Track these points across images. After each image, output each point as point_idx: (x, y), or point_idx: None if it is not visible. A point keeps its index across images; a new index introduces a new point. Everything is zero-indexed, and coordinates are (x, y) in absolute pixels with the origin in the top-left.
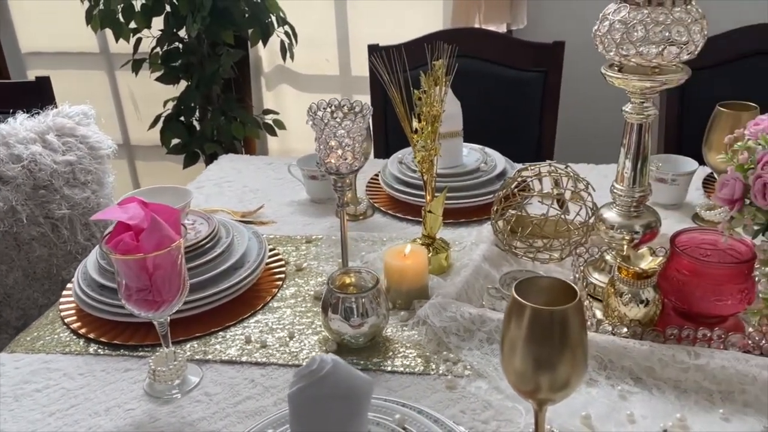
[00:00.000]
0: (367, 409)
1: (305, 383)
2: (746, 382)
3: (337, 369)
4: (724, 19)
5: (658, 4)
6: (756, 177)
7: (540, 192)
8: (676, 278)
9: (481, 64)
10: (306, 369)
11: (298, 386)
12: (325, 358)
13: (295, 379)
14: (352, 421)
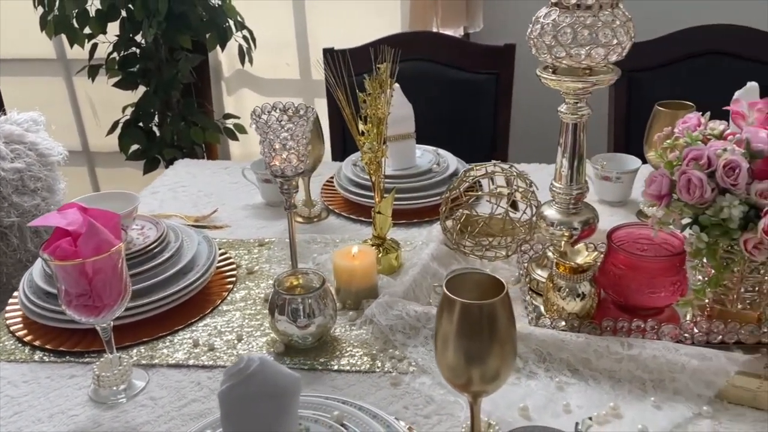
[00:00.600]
0: (296, 407)
1: (233, 382)
2: (676, 371)
3: (265, 367)
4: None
5: (586, 7)
6: (681, 173)
7: (485, 191)
8: (613, 272)
9: (435, 66)
10: (234, 368)
11: (227, 385)
12: (253, 357)
13: (224, 378)
14: (281, 418)
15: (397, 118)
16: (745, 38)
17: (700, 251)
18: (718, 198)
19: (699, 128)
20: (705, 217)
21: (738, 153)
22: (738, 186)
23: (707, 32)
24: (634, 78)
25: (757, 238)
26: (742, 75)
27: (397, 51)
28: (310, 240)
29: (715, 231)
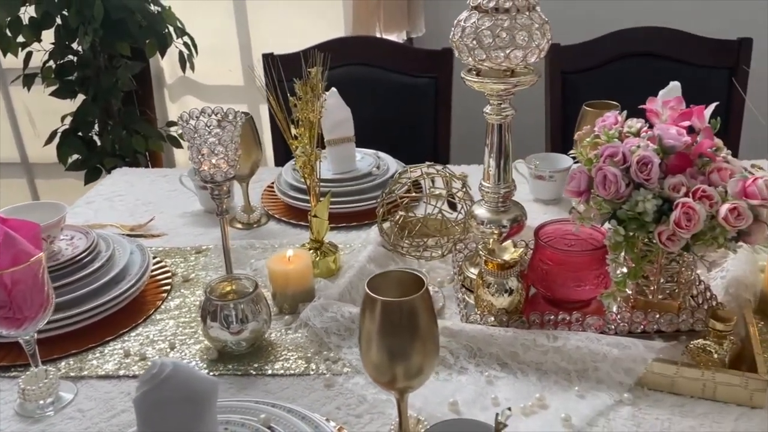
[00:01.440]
0: (213, 410)
1: (147, 388)
2: (598, 360)
3: (178, 371)
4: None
5: (504, 11)
6: (597, 169)
7: (423, 193)
8: (540, 268)
9: (375, 71)
10: (147, 374)
11: (141, 391)
12: (166, 362)
13: (139, 385)
14: (198, 422)
15: (335, 122)
16: (672, 40)
17: (619, 244)
18: (634, 193)
19: (615, 126)
20: (622, 211)
21: (651, 149)
22: (651, 181)
23: (638, 34)
24: (568, 79)
25: (669, 230)
26: (670, 75)
27: (328, 56)
28: (248, 246)
29: (632, 225)
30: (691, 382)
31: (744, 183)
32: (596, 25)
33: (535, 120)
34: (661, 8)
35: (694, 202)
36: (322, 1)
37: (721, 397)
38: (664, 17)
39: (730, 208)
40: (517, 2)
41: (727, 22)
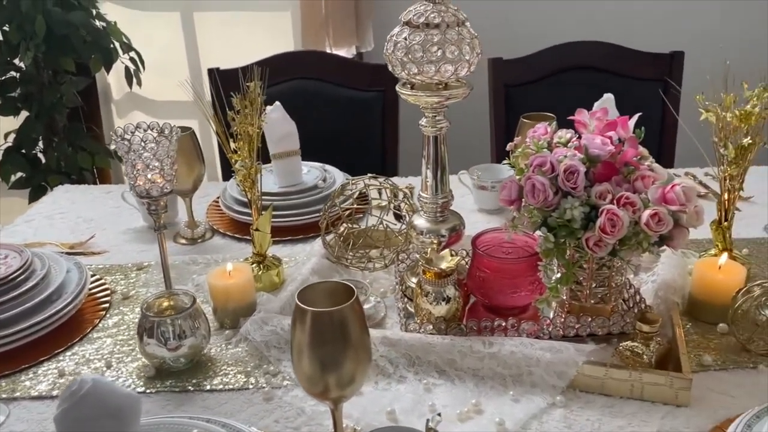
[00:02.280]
0: (136, 426)
1: (67, 405)
2: (532, 364)
3: (98, 388)
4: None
5: (434, 26)
6: (527, 178)
7: (365, 205)
8: (478, 276)
9: (323, 85)
10: (67, 391)
11: (62, 408)
12: (85, 378)
13: (59, 402)
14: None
15: (280, 135)
16: (610, 54)
17: (550, 251)
18: (562, 201)
19: (545, 137)
20: (552, 219)
21: (577, 158)
22: (578, 189)
23: (577, 49)
24: (511, 92)
25: (596, 236)
26: (608, 87)
27: (266, 70)
28: (190, 261)
29: (562, 231)
30: (620, 383)
31: (663, 190)
32: (538, 40)
33: (481, 132)
34: (600, 23)
35: (618, 209)
36: (272, 16)
37: (649, 396)
38: (602, 32)
39: (651, 214)
40: (447, 18)
41: (660, 36)
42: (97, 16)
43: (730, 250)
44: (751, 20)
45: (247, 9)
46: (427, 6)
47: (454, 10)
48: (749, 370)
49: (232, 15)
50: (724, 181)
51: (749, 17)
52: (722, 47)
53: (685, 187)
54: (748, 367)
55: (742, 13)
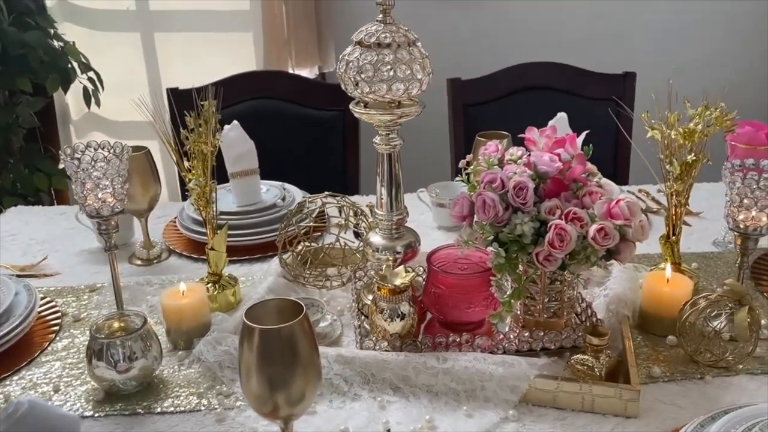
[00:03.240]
0: None
1: (3, 428)
2: (485, 379)
3: (35, 410)
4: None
5: (385, 46)
6: (477, 195)
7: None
8: (433, 292)
9: (284, 104)
10: (3, 413)
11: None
12: (21, 401)
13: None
14: None
15: (238, 154)
16: (566, 74)
17: (502, 266)
18: (513, 216)
19: (495, 154)
20: (503, 234)
21: (526, 175)
22: (527, 205)
23: (534, 69)
24: (469, 112)
25: (545, 251)
26: (564, 107)
27: (221, 89)
28: (144, 282)
29: (513, 247)
30: (571, 396)
31: (609, 205)
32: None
33: (441, 150)
34: (555, 44)
35: (566, 224)
36: (234, 36)
37: (599, 408)
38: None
39: (598, 229)
40: (397, 38)
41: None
42: (55, 36)
43: (678, 264)
44: (703, 41)
45: (209, 30)
46: (378, 26)
47: (405, 31)
48: (696, 381)
49: (194, 36)
50: (670, 197)
51: (701, 38)
52: (674, 68)
53: (629, 202)
54: (696, 378)
55: (693, 35)
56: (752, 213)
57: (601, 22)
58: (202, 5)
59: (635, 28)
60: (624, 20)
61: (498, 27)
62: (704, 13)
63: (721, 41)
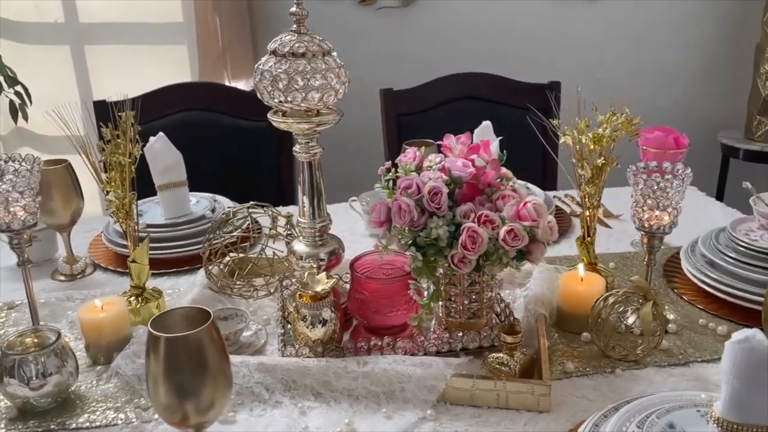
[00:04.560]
0: None
1: None
2: (404, 381)
3: None
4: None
5: (300, 55)
6: (394, 200)
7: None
8: (357, 298)
9: (215, 116)
10: None
11: None
12: None
13: None
14: None
15: (165, 166)
16: (494, 84)
17: (420, 269)
18: (429, 221)
19: (412, 161)
20: (420, 238)
21: (441, 180)
22: (441, 209)
23: (464, 79)
24: (403, 121)
25: (459, 253)
26: (493, 116)
27: (139, 101)
28: (65, 297)
29: (431, 250)
30: (487, 393)
31: (517, 207)
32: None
33: (376, 160)
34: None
35: (478, 227)
36: (169, 49)
37: (513, 404)
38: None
39: (508, 230)
40: (311, 48)
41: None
42: None
43: (594, 264)
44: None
45: (143, 42)
46: (292, 36)
47: (320, 41)
48: (607, 375)
49: (127, 48)
50: (583, 200)
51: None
52: (598, 77)
53: (536, 204)
54: (606, 372)
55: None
56: (655, 212)
57: (531, 34)
58: (134, 17)
59: (565, 40)
60: (554, 32)
61: (432, 38)
62: (632, 23)
63: (649, 51)
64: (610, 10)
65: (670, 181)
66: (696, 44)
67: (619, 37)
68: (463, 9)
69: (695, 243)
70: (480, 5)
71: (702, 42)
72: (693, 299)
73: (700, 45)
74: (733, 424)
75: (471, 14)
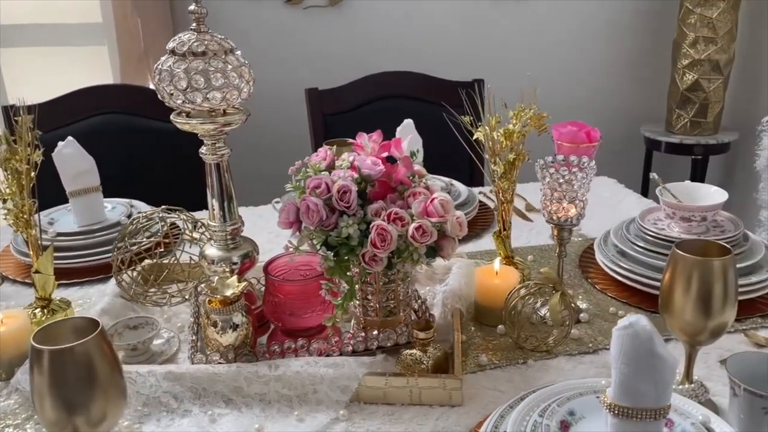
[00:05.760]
0: None
1: None
2: (316, 382)
3: None
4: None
5: (200, 54)
6: (302, 200)
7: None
8: (272, 301)
9: (133, 118)
10: None
11: None
12: None
13: None
14: None
15: (77, 172)
16: (419, 82)
17: (333, 269)
18: (339, 220)
19: (322, 160)
20: (332, 238)
21: (350, 179)
22: (351, 207)
23: (389, 78)
24: (329, 121)
25: (370, 252)
26: (417, 114)
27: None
28: None
29: (344, 250)
30: (400, 390)
31: (425, 204)
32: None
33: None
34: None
35: (387, 224)
36: (88, 50)
37: (427, 400)
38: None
39: (416, 227)
40: (211, 46)
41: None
42: None
43: (511, 258)
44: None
45: (62, 44)
46: (191, 35)
47: (220, 39)
48: (520, 366)
49: (45, 50)
50: (498, 194)
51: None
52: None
53: (443, 200)
54: (519, 363)
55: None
56: (563, 205)
57: (458, 33)
58: (52, 18)
59: (493, 38)
60: (481, 31)
61: (360, 37)
62: (557, 22)
63: (574, 49)
64: (536, 9)
65: (575, 173)
66: (619, 42)
67: (546, 35)
68: (390, 8)
69: (608, 234)
70: (408, 5)
71: (624, 39)
72: (605, 288)
73: (622, 42)
74: (623, 408)
75: (399, 13)
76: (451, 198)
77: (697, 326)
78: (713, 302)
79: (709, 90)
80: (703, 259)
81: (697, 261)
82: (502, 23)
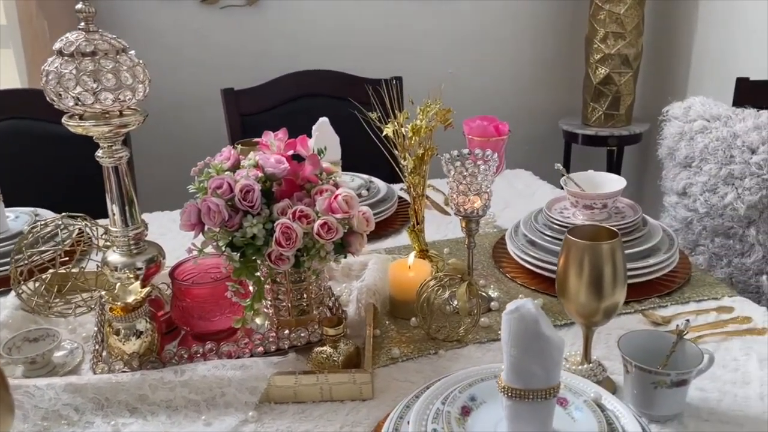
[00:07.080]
0: None
1: None
2: (224, 385)
3: None
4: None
5: (89, 54)
6: (203, 201)
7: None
8: (180, 306)
9: (37, 123)
10: None
11: None
12: None
13: None
14: None
15: None
16: (339, 81)
17: (239, 270)
18: (244, 220)
19: (226, 160)
20: (237, 238)
21: (253, 178)
22: (255, 207)
23: (308, 77)
24: (247, 121)
25: (275, 251)
26: (337, 112)
27: None
28: None
29: (250, 250)
30: (310, 388)
31: (329, 200)
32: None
33: None
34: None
35: (292, 222)
36: None
37: (338, 396)
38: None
39: (321, 224)
40: (101, 46)
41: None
42: None
43: (426, 251)
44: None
45: None
46: (79, 35)
47: (111, 38)
48: (431, 356)
49: None
50: (409, 189)
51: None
52: (451, 72)
53: (347, 197)
54: (431, 354)
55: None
56: (469, 197)
57: (377, 31)
58: None
59: (412, 37)
60: (401, 29)
61: (278, 37)
62: (475, 22)
63: (493, 47)
64: (458, 7)
65: (479, 166)
66: (537, 39)
67: (465, 33)
68: (309, 7)
69: (518, 225)
70: (326, 4)
71: (541, 37)
72: (516, 277)
73: (538, 39)
74: (516, 390)
75: (317, 12)
76: (371, 195)
77: (590, 308)
78: (604, 284)
79: (620, 83)
80: (593, 243)
81: (587, 245)
82: (422, 21)
